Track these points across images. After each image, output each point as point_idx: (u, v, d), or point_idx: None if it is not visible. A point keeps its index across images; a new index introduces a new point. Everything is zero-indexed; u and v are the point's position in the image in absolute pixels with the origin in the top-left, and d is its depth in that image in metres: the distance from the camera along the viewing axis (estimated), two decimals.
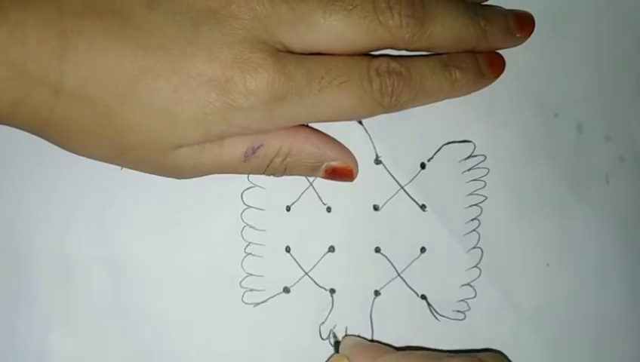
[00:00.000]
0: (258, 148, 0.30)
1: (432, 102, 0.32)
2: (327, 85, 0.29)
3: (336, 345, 0.32)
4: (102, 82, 0.27)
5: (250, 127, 0.29)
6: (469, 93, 0.33)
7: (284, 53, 0.28)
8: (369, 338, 0.33)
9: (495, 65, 0.33)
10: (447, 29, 0.30)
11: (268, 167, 0.31)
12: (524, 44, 0.34)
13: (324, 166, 0.31)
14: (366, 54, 0.30)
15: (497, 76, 0.33)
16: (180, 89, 0.27)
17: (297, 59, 0.29)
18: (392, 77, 0.30)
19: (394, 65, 0.30)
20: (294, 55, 0.29)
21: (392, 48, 0.30)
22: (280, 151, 0.30)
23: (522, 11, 0.33)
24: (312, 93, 0.29)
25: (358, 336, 0.33)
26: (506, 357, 0.33)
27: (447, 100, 0.34)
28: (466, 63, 0.32)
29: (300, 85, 0.28)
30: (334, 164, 0.31)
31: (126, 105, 0.27)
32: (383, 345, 0.31)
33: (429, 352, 0.31)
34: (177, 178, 0.31)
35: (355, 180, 0.32)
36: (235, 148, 0.30)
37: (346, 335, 0.32)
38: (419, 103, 0.31)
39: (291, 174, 0.31)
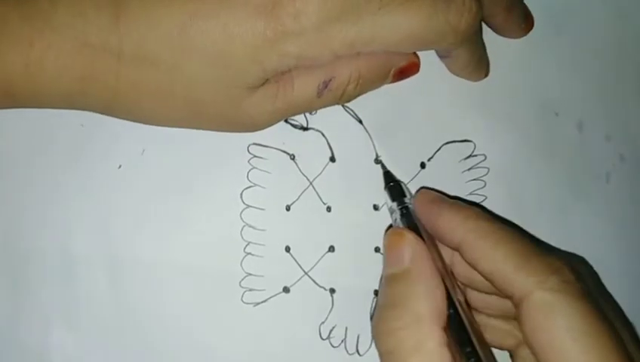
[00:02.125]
0: (330, 81, 0.28)
1: (462, 63, 0.32)
2: (390, 2, 0.26)
3: (394, 191, 0.30)
4: (156, 38, 0.26)
5: (304, 56, 0.27)
6: (472, 75, 0.33)
7: None
8: (369, 336, 0.33)
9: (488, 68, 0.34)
10: None
11: (342, 96, 0.30)
12: (525, 42, 0.34)
13: (392, 72, 0.30)
14: None
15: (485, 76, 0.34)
16: (229, 24, 0.26)
17: None
18: (474, 0, 0.28)
19: None
20: None
21: None
22: (351, 77, 0.29)
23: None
24: (370, 12, 0.26)
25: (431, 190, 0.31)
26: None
27: (447, 99, 0.34)
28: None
29: (356, 3, 0.26)
30: (401, 64, 0.30)
31: (184, 56, 0.27)
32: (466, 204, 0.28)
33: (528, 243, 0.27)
34: (253, 130, 0.30)
35: (354, 180, 0.32)
36: (307, 87, 0.29)
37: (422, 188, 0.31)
38: (467, 55, 0.31)
39: (362, 93, 0.30)
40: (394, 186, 0.31)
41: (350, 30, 0.27)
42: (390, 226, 0.31)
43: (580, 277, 0.24)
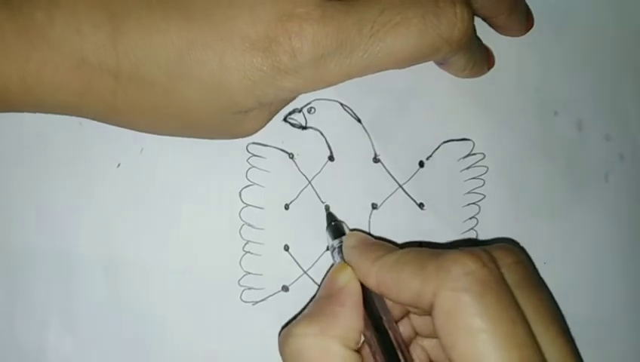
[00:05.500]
0: None
1: (459, 67, 0.32)
2: (380, 29, 0.26)
3: (335, 230, 0.31)
4: (153, 62, 0.26)
5: (300, 90, 0.28)
6: (472, 75, 0.33)
7: (331, 2, 0.26)
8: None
9: (491, 59, 0.34)
10: None
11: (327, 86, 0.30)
12: (524, 41, 0.34)
13: None
14: None
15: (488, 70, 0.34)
16: (227, 57, 0.26)
17: (347, 6, 0.26)
18: (466, 9, 0.27)
19: None
20: (343, 1, 0.26)
21: None
22: None
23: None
24: (363, 42, 0.26)
25: (361, 232, 0.31)
26: (518, 246, 0.33)
27: (446, 97, 0.34)
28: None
29: (349, 36, 0.26)
30: None
31: (180, 83, 0.27)
32: (385, 243, 0.28)
33: (431, 249, 0.27)
34: (247, 136, 0.31)
35: (353, 179, 0.32)
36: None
37: (351, 231, 0.31)
38: (464, 60, 0.31)
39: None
40: (334, 226, 0.31)
41: (345, 63, 0.27)
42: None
43: (489, 261, 0.23)
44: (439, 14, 0.27)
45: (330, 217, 0.32)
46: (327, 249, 0.32)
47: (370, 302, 0.26)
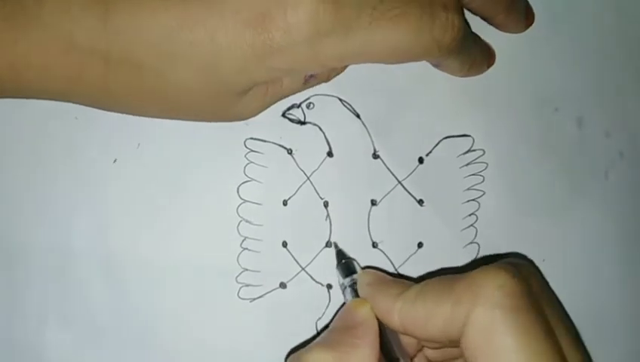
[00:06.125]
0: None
1: (454, 69, 0.32)
2: (380, 17, 0.26)
3: (345, 268, 0.30)
4: (144, 43, 0.26)
5: (293, 69, 0.27)
6: (470, 75, 0.33)
7: None
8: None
9: (492, 58, 0.34)
10: None
11: (327, 80, 0.31)
12: (525, 38, 0.34)
13: None
14: None
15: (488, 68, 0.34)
16: (217, 34, 0.25)
17: None
18: (457, 15, 0.27)
19: (458, 4, 0.27)
20: None
21: None
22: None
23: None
24: (361, 27, 0.26)
25: (375, 269, 0.31)
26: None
27: (446, 93, 0.34)
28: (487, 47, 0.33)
29: (348, 17, 0.25)
30: None
31: (171, 65, 0.26)
32: (402, 280, 0.27)
33: (450, 275, 0.26)
34: (243, 120, 0.31)
35: (352, 175, 0.32)
36: (295, 81, 0.29)
37: (363, 269, 0.30)
38: (457, 63, 0.31)
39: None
40: (345, 264, 0.31)
41: (340, 45, 0.26)
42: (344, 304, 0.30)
43: (517, 273, 0.23)
44: (433, 16, 0.27)
45: (340, 255, 0.31)
46: (340, 287, 0.31)
47: (387, 343, 0.26)
